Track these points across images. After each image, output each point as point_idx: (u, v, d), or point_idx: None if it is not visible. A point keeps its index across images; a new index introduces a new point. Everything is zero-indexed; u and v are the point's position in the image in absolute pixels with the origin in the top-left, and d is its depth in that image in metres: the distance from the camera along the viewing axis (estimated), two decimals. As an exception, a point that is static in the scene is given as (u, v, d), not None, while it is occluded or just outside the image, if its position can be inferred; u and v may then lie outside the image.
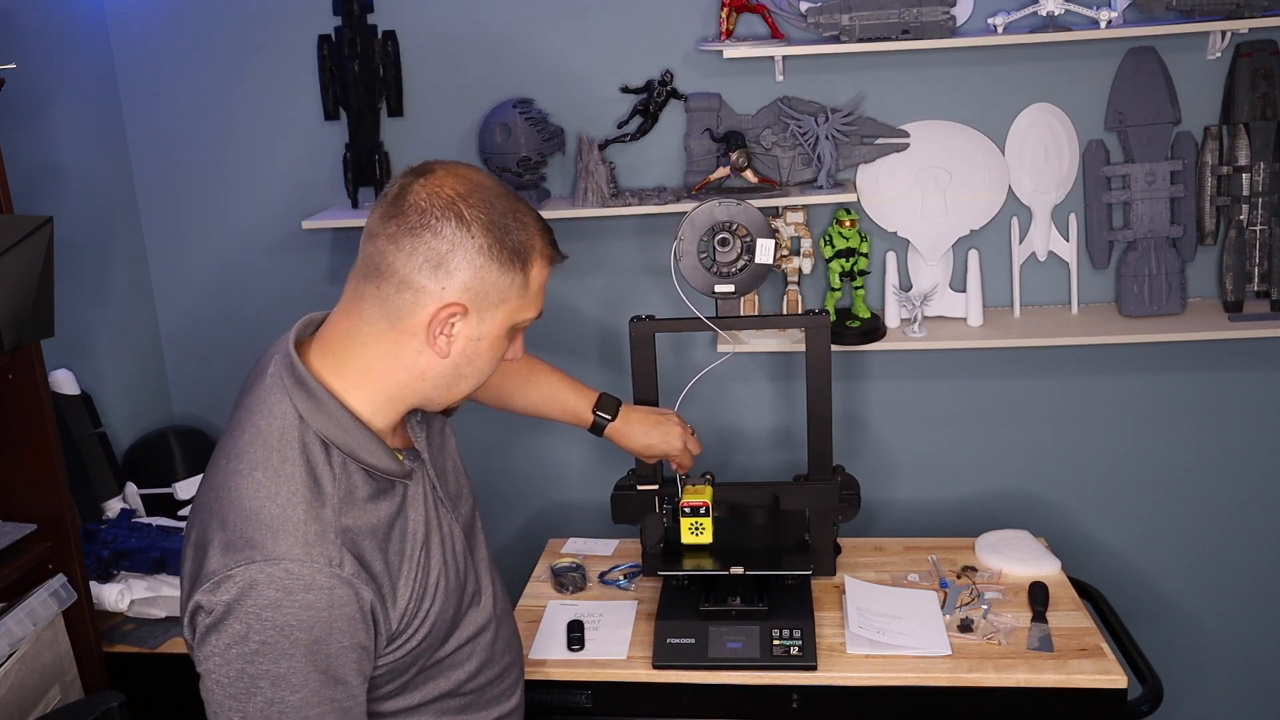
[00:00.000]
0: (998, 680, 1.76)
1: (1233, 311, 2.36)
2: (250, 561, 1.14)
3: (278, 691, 1.15)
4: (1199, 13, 2.17)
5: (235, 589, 1.14)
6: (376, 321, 1.23)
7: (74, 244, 2.39)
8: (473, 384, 1.31)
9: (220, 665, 1.15)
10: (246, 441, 1.22)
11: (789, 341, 2.39)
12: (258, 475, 1.19)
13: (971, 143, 2.39)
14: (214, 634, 1.15)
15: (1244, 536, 2.57)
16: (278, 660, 1.15)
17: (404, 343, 1.23)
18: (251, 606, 1.14)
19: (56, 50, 2.39)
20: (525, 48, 2.45)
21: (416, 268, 1.20)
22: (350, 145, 2.51)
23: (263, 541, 1.15)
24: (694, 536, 1.97)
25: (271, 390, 1.24)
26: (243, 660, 1.14)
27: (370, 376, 1.25)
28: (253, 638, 1.14)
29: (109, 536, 2.14)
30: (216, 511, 1.19)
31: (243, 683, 1.15)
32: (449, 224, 1.20)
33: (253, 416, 1.24)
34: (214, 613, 1.15)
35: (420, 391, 1.28)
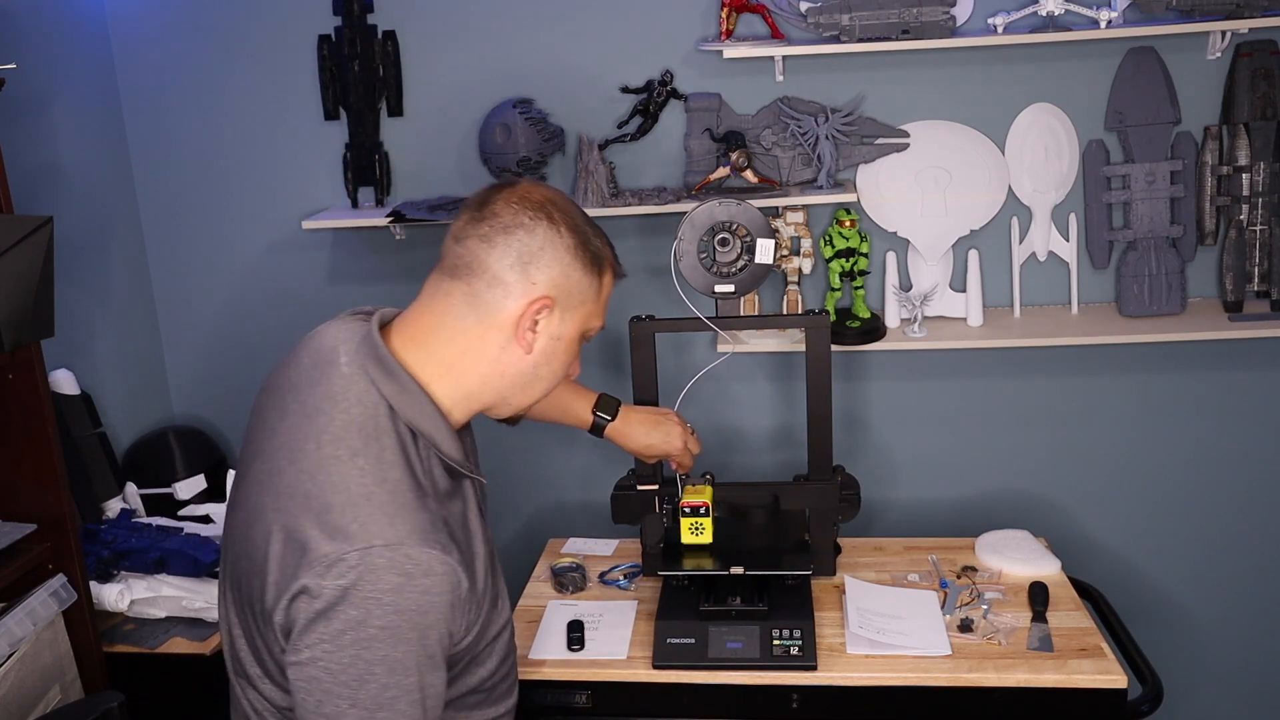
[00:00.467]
0: (998, 680, 1.76)
1: (1233, 311, 2.36)
2: (369, 546, 1.14)
3: (392, 677, 1.14)
4: (1199, 13, 2.17)
5: (353, 573, 1.13)
6: (464, 317, 1.27)
7: (74, 244, 2.39)
8: (546, 386, 1.34)
9: (331, 651, 1.13)
10: (339, 428, 1.21)
11: (789, 341, 2.39)
12: (359, 462, 1.19)
13: (971, 143, 2.39)
14: (324, 620, 1.13)
15: (1244, 536, 2.57)
16: (395, 645, 1.14)
17: (490, 338, 1.27)
18: (371, 591, 1.13)
19: (56, 50, 2.39)
20: (525, 48, 2.45)
21: (509, 265, 1.26)
22: (350, 145, 2.51)
23: (380, 527, 1.15)
24: (694, 536, 1.97)
25: (355, 379, 1.25)
26: (358, 646, 1.13)
27: (453, 371, 1.28)
28: (371, 623, 1.13)
29: (109, 536, 2.14)
30: (315, 495, 1.18)
31: (356, 669, 1.13)
32: (541, 224, 1.27)
33: (339, 404, 1.23)
34: (324, 597, 1.13)
35: (498, 390, 1.31)
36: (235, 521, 1.29)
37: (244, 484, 1.28)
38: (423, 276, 1.33)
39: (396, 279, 2.58)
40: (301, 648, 1.15)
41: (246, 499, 1.26)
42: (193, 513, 2.42)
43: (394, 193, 2.56)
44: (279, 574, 1.17)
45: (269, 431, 1.27)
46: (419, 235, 2.51)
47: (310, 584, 1.14)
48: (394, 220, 2.39)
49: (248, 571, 1.23)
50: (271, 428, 1.27)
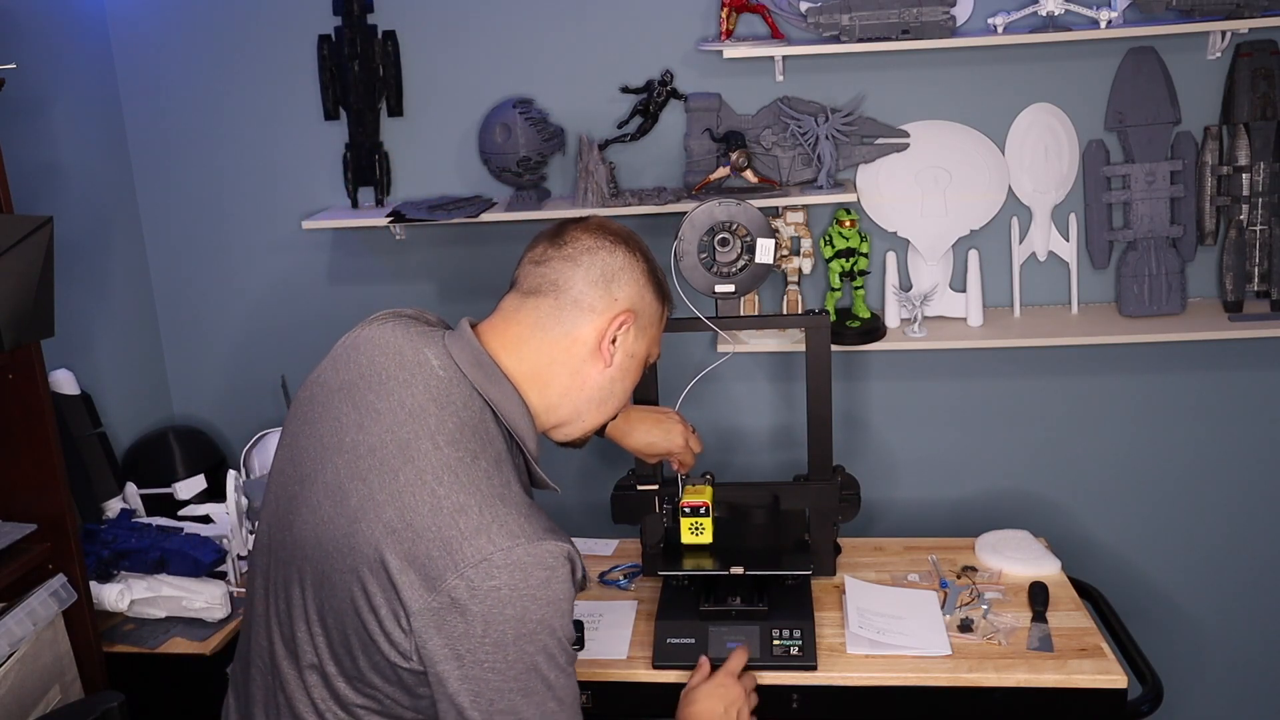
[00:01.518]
0: (998, 680, 1.76)
1: (1233, 311, 2.36)
2: (514, 545, 1.17)
3: (552, 661, 1.21)
4: (1199, 13, 2.17)
5: (503, 573, 1.16)
6: (552, 329, 1.34)
7: (74, 244, 2.39)
8: (617, 404, 1.41)
9: (494, 652, 1.17)
10: (454, 429, 1.24)
11: (789, 341, 2.39)
12: (483, 464, 1.23)
13: (971, 143, 2.39)
14: (482, 623, 1.16)
15: (1244, 536, 2.57)
16: (551, 634, 1.20)
17: (575, 350, 1.34)
18: (525, 588, 1.17)
19: (56, 50, 2.39)
20: (525, 48, 2.45)
21: (592, 282, 1.34)
22: (350, 145, 2.51)
23: (520, 527, 1.19)
24: (694, 536, 1.97)
25: (456, 381, 1.29)
26: (521, 641, 1.17)
27: (540, 379, 1.34)
28: (530, 617, 1.17)
29: (109, 536, 2.14)
30: (446, 497, 1.19)
31: (523, 663, 1.18)
32: (621, 248, 1.36)
33: (447, 405, 1.26)
34: (478, 598, 1.15)
35: (575, 404, 1.37)
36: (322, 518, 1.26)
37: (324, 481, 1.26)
38: (423, 277, 1.35)
39: (396, 279, 2.58)
40: (462, 654, 1.17)
41: (344, 497, 1.24)
42: (193, 513, 2.42)
43: (394, 193, 2.56)
44: (417, 577, 1.17)
45: (350, 427, 1.27)
46: (419, 235, 2.51)
47: (459, 586, 1.15)
48: (394, 220, 2.39)
49: (354, 571, 1.21)
50: (357, 424, 1.27)
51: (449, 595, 1.15)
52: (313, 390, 1.35)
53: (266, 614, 1.33)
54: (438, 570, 1.16)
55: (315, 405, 1.33)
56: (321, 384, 1.34)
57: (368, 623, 1.21)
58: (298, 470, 1.31)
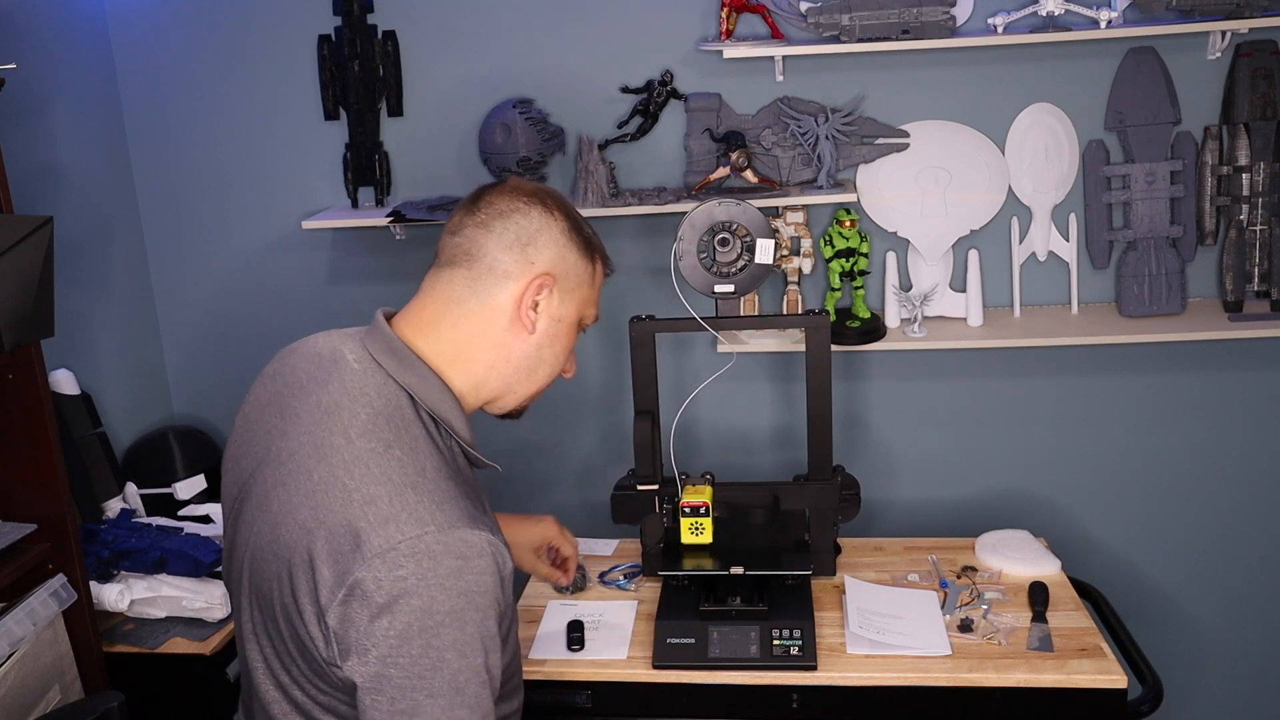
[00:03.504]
0: (998, 680, 1.76)
1: (1233, 311, 2.36)
2: (422, 533, 1.13)
3: (463, 660, 1.14)
4: (1199, 13, 2.17)
5: (410, 562, 1.12)
6: (467, 301, 1.29)
7: (74, 244, 2.39)
8: (548, 372, 1.36)
9: (398, 645, 1.12)
10: (366, 421, 1.21)
11: (789, 341, 2.39)
12: (396, 453, 1.19)
13: (971, 143, 2.39)
14: (387, 615, 1.12)
15: (1244, 536, 2.57)
16: (462, 628, 1.14)
17: (494, 320, 1.29)
18: (432, 578, 1.12)
19: (56, 50, 2.39)
20: (525, 48, 2.45)
21: (507, 246, 1.28)
22: (350, 145, 2.51)
23: (430, 514, 1.15)
24: (694, 536, 1.97)
25: (369, 373, 1.25)
26: (426, 634, 1.12)
27: (462, 356, 1.29)
28: (437, 609, 1.12)
29: (109, 536, 2.14)
30: (356, 489, 1.16)
31: (428, 658, 1.13)
32: (536, 208, 1.31)
33: (359, 398, 1.23)
34: (384, 589, 1.11)
35: (503, 376, 1.32)
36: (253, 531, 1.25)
37: (254, 494, 1.25)
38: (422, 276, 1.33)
39: (396, 279, 2.58)
40: (368, 648, 1.13)
41: (267, 505, 1.22)
42: (193, 513, 2.42)
43: (394, 193, 2.56)
44: (328, 571, 1.14)
45: (276, 436, 1.25)
46: (419, 235, 2.51)
47: (365, 577, 1.12)
48: (394, 220, 2.39)
49: (278, 577, 1.20)
50: (281, 431, 1.25)
51: (357, 587, 1.12)
52: (247, 410, 1.33)
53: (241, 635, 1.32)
54: (346, 564, 1.13)
55: (249, 423, 1.31)
56: (253, 401, 1.33)
57: (298, 628, 1.18)
58: (240, 490, 1.29)
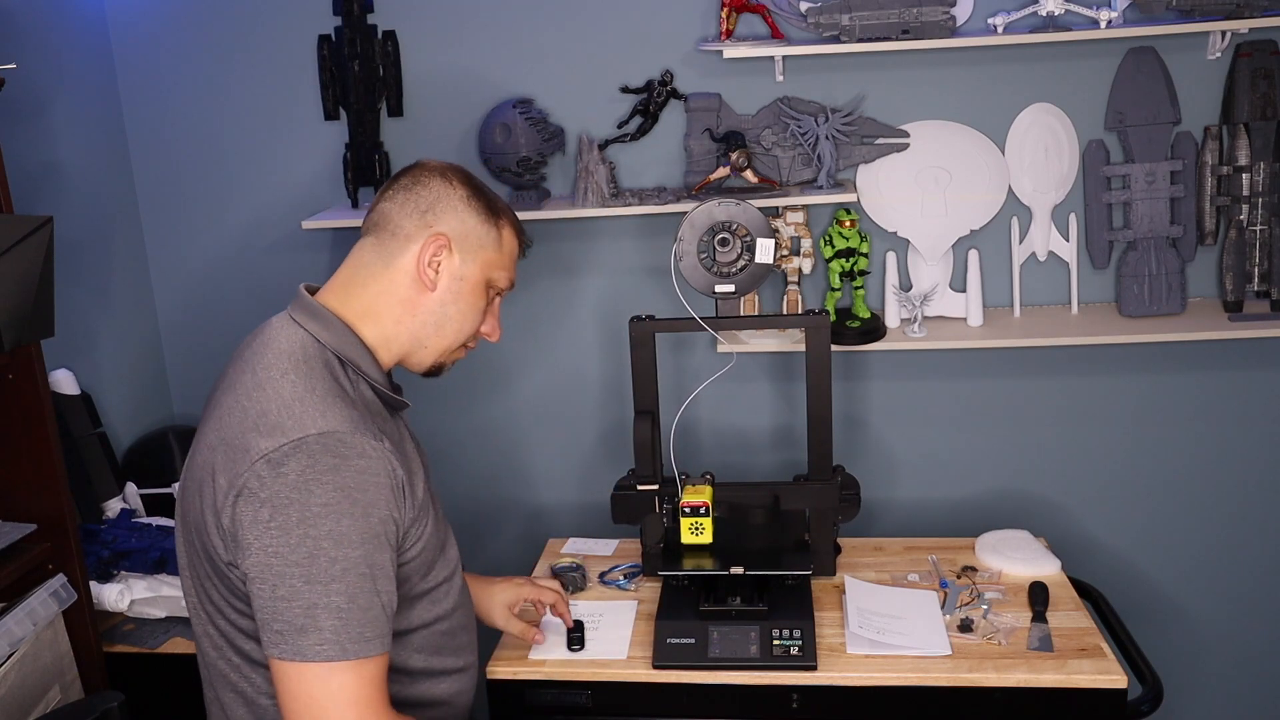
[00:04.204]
0: (998, 680, 1.76)
1: (1233, 311, 2.36)
2: (303, 436, 1.25)
3: (339, 549, 1.23)
4: (1199, 13, 2.17)
5: (291, 460, 1.23)
6: (373, 264, 1.44)
7: (74, 244, 2.39)
8: (456, 329, 1.47)
9: (278, 535, 1.22)
10: (271, 358, 1.34)
11: (789, 341, 2.39)
12: (290, 378, 1.31)
13: (971, 143, 2.39)
14: (269, 507, 1.23)
15: (1244, 536, 2.57)
16: (339, 519, 1.23)
17: (398, 280, 1.43)
18: (310, 473, 1.23)
19: (56, 50, 2.39)
20: (525, 48, 2.45)
21: (408, 214, 1.44)
22: (350, 145, 2.51)
23: (313, 421, 1.26)
24: (694, 536, 1.97)
25: (283, 327, 1.40)
26: (304, 525, 1.22)
27: (371, 312, 1.43)
28: (313, 501, 1.23)
29: (109, 536, 2.14)
30: (250, 409, 1.29)
31: (305, 546, 1.22)
32: (435, 180, 1.46)
33: (269, 346, 1.36)
34: (266, 487, 1.23)
35: (411, 331, 1.44)
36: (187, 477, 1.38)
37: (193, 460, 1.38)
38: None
39: (396, 279, 2.58)
40: (251, 540, 1.23)
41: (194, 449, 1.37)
42: (193, 513, 2.42)
43: (394, 193, 2.56)
44: (224, 479, 1.26)
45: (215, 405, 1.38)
46: (419, 235, 2.51)
47: (250, 479, 1.23)
48: (394, 220, 2.39)
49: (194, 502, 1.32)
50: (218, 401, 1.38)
51: (245, 487, 1.24)
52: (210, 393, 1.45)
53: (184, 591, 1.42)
54: (238, 468, 1.25)
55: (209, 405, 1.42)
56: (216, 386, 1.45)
57: (207, 545, 1.30)
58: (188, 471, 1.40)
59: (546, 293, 2.58)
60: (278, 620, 1.23)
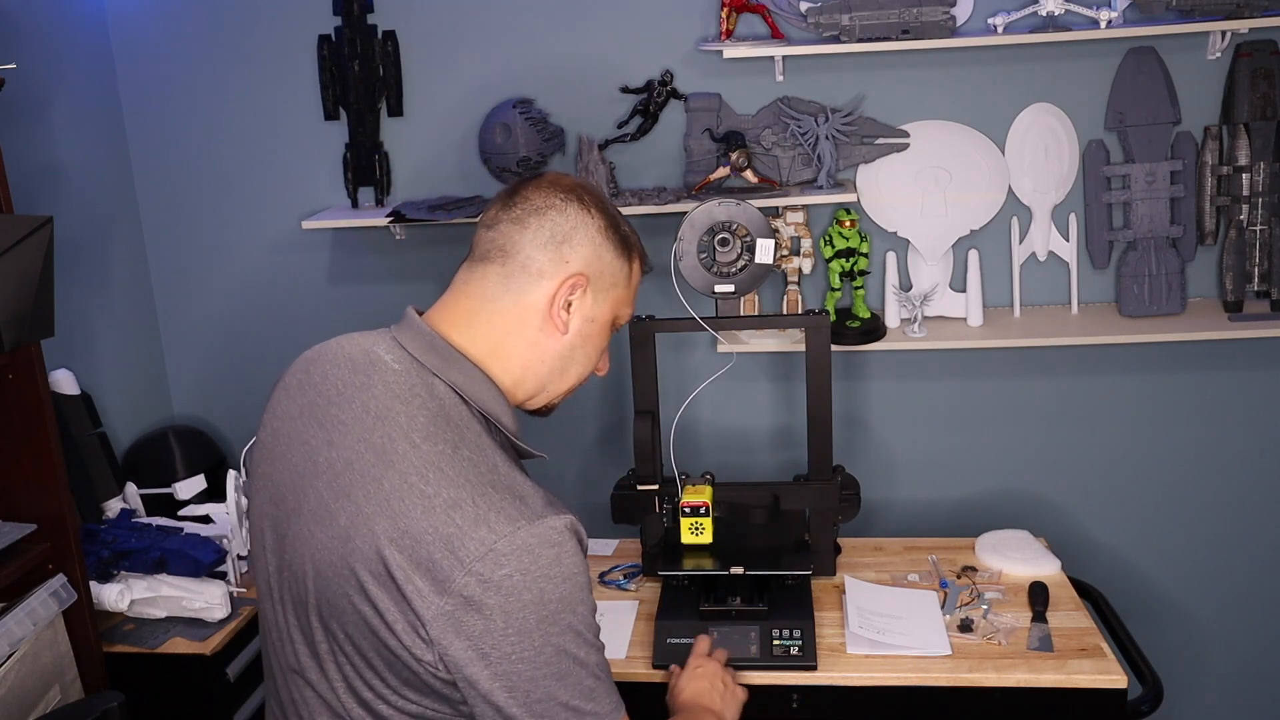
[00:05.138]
0: (998, 680, 1.76)
1: (1233, 311, 2.36)
2: (516, 529, 1.13)
3: (580, 639, 1.17)
4: (1199, 13, 2.17)
5: (512, 560, 1.12)
6: (500, 299, 1.26)
7: (74, 244, 2.39)
8: (580, 371, 1.33)
9: (519, 642, 1.13)
10: (426, 423, 1.19)
11: (789, 341, 2.39)
12: (465, 453, 1.18)
13: (971, 143, 2.39)
14: (501, 615, 1.12)
15: (1244, 536, 2.57)
16: (574, 611, 1.16)
17: (527, 319, 1.27)
18: (536, 571, 1.13)
19: (56, 50, 2.39)
20: (525, 48, 2.45)
21: (541, 245, 1.26)
22: (350, 145, 2.51)
23: (518, 509, 1.15)
24: (694, 536, 1.97)
25: (413, 373, 1.23)
26: (544, 625, 1.13)
27: (499, 354, 1.27)
28: (548, 600, 1.13)
29: (109, 536, 2.14)
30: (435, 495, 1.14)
31: (550, 645, 1.14)
32: (573, 205, 1.27)
33: (411, 401, 1.20)
34: (491, 590, 1.11)
35: (537, 375, 1.30)
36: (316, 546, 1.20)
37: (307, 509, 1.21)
38: (423, 277, 1.34)
39: (396, 279, 2.58)
40: (488, 652, 1.12)
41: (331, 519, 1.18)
42: (193, 513, 2.42)
43: (394, 193, 2.56)
44: (423, 582, 1.12)
45: (321, 446, 1.22)
46: (419, 235, 2.51)
47: (470, 583, 1.11)
48: (394, 220, 2.39)
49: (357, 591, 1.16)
50: (327, 441, 1.22)
51: (461, 594, 1.11)
52: (274, 425, 1.29)
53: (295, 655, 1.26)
54: (444, 572, 1.11)
55: (280, 438, 1.27)
56: (281, 415, 1.28)
57: (386, 640, 1.15)
58: (281, 507, 1.25)
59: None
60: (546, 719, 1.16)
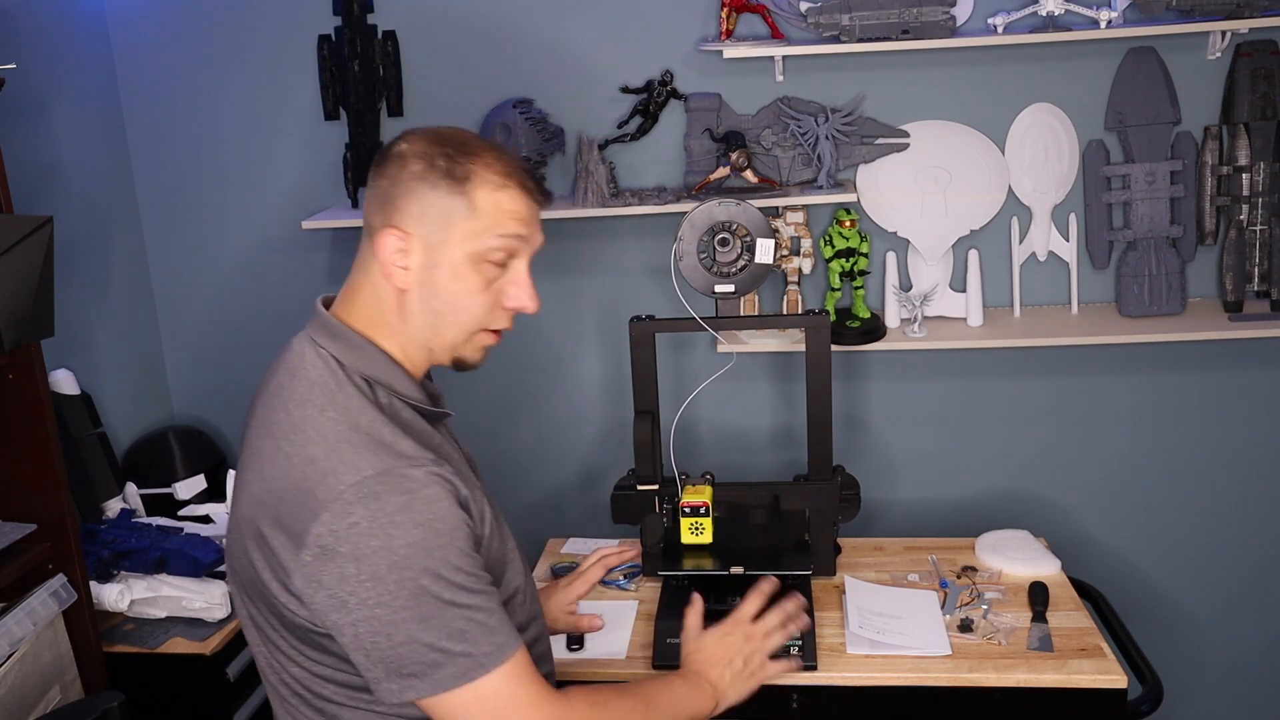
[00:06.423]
0: (998, 680, 1.76)
1: (1233, 311, 2.36)
2: (362, 477, 1.17)
3: (439, 583, 1.17)
4: (1199, 13, 2.17)
5: (362, 507, 1.16)
6: (367, 270, 1.31)
7: (74, 244, 2.39)
8: (454, 322, 1.30)
9: (374, 586, 1.15)
10: (303, 393, 1.25)
11: (789, 341, 2.39)
12: (330, 414, 1.22)
13: (971, 143, 2.39)
14: (353, 562, 1.15)
15: (1244, 536, 2.57)
16: (431, 554, 1.17)
17: (381, 284, 1.29)
18: (382, 516, 1.16)
19: (56, 50, 2.39)
20: (525, 48, 2.45)
21: (374, 207, 1.29)
22: (350, 145, 2.51)
23: (366, 460, 1.18)
24: (694, 536, 1.97)
25: (305, 351, 1.29)
26: (397, 570, 1.15)
27: (378, 320, 1.30)
28: (397, 544, 1.15)
29: (109, 536, 2.14)
30: (296, 453, 1.21)
31: (407, 589, 1.16)
32: (391, 165, 1.28)
33: (296, 376, 1.27)
34: (341, 538, 1.15)
35: (413, 335, 1.31)
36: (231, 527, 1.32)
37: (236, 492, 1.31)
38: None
39: (396, 279, 2.58)
40: (345, 599, 1.16)
41: (238, 498, 1.28)
42: (193, 513, 2.42)
43: (394, 193, 2.56)
44: (284, 537, 1.18)
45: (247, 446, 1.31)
46: (419, 235, 2.51)
47: (321, 532, 1.16)
48: (394, 220, 2.39)
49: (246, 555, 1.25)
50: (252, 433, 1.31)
51: (317, 545, 1.16)
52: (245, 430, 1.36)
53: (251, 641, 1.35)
54: (301, 525, 1.17)
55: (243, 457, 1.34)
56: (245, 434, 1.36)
57: (272, 601, 1.22)
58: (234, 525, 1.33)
59: (546, 293, 2.55)
60: (407, 665, 1.17)
